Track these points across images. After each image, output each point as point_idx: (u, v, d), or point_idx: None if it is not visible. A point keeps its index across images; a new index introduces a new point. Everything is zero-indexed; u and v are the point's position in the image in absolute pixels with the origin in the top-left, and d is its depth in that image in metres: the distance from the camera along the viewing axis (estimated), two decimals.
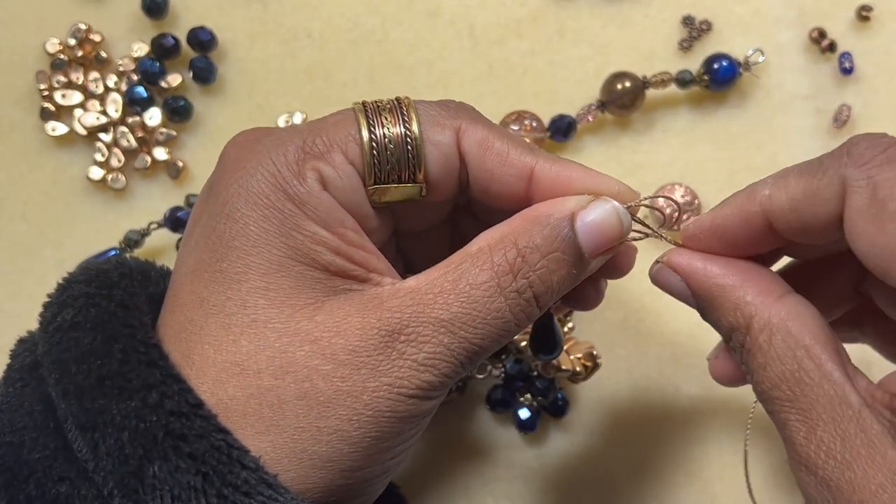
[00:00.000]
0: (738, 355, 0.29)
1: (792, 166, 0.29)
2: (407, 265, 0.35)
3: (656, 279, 0.31)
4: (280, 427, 0.27)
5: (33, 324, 0.44)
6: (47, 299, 0.30)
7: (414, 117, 0.30)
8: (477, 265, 0.28)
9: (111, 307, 0.28)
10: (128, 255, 0.39)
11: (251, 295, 0.28)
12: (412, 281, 0.29)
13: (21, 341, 0.31)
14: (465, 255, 0.29)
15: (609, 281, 0.34)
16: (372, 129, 0.29)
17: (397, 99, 0.30)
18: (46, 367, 0.28)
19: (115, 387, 0.26)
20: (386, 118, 0.29)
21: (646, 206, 0.31)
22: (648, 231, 0.31)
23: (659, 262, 0.31)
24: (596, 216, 0.29)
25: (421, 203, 0.31)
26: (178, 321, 0.28)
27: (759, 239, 0.30)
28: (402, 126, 0.29)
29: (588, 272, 0.30)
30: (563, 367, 0.40)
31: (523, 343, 0.40)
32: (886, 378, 0.28)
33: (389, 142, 0.29)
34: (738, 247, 0.30)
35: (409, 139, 0.29)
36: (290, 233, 0.28)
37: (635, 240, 0.31)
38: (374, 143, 0.29)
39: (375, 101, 0.30)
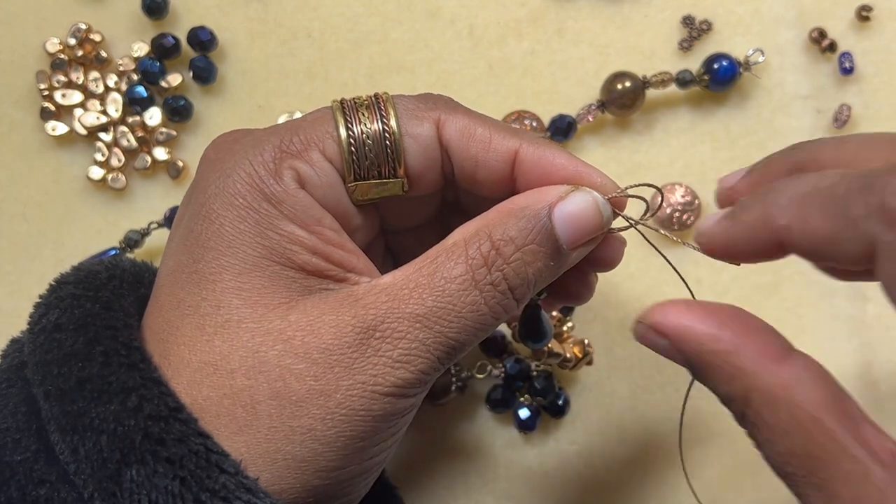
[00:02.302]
0: (740, 423, 0.26)
1: (810, 192, 0.26)
2: (398, 265, 0.35)
3: (643, 341, 0.28)
4: (254, 427, 0.27)
5: None
6: (38, 300, 0.30)
7: (392, 112, 0.30)
8: (452, 259, 0.28)
9: (95, 308, 0.28)
10: (126, 256, 0.39)
11: (225, 295, 0.28)
12: (388, 277, 0.29)
13: (13, 341, 0.31)
14: (441, 249, 0.29)
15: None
16: (349, 126, 0.29)
17: (376, 95, 0.30)
18: (31, 368, 0.28)
19: (94, 390, 0.26)
20: (363, 114, 0.29)
21: (628, 195, 0.30)
22: (630, 222, 0.30)
23: (641, 323, 0.28)
24: (574, 207, 0.29)
25: (406, 199, 0.31)
26: (157, 322, 0.28)
27: (771, 253, 0.28)
28: (379, 122, 0.29)
29: (568, 264, 0.30)
30: (555, 352, 0.40)
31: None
32: None
33: (367, 138, 0.29)
34: (749, 258, 0.28)
35: (387, 134, 0.29)
36: (266, 232, 0.28)
37: (619, 230, 0.31)
38: (351, 140, 0.29)
39: (354, 98, 0.30)
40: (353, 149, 0.29)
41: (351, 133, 0.29)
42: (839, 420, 0.24)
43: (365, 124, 0.29)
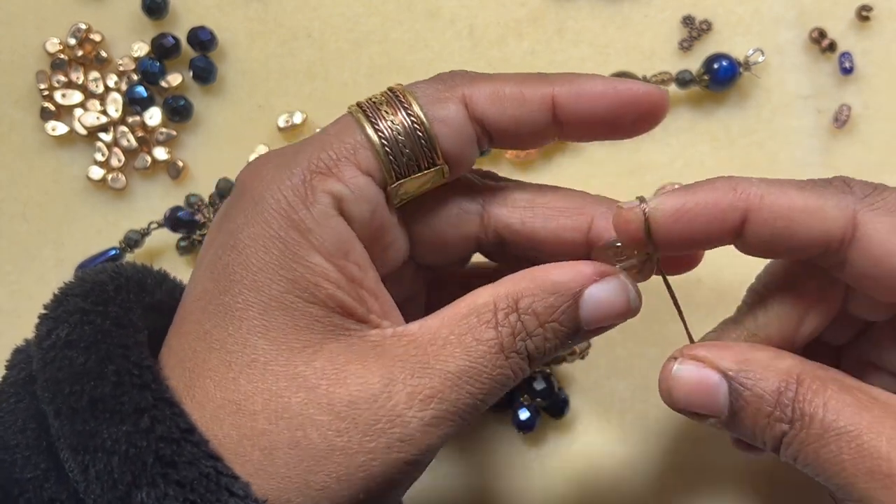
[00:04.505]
0: (782, 417, 0.28)
1: (783, 179, 0.29)
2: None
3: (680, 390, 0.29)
4: (268, 473, 0.26)
5: (33, 324, 0.44)
6: (44, 311, 0.30)
7: (413, 102, 0.29)
8: (483, 321, 0.28)
9: (106, 325, 0.28)
10: (126, 259, 0.38)
11: (251, 334, 0.27)
12: (414, 327, 0.28)
13: (17, 351, 0.31)
14: (472, 306, 0.28)
15: None
16: (376, 127, 0.29)
17: (390, 90, 0.30)
18: (40, 385, 0.27)
19: (106, 410, 0.26)
20: (386, 111, 0.29)
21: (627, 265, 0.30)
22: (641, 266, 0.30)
23: (685, 360, 0.29)
24: (604, 294, 0.29)
25: (442, 241, 0.31)
26: (183, 349, 0.28)
27: (719, 238, 0.29)
28: (404, 115, 0.29)
29: (584, 340, 0.30)
30: None
31: None
32: None
33: (398, 134, 0.29)
34: (693, 241, 0.29)
35: (416, 125, 0.29)
36: (291, 264, 0.27)
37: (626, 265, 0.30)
38: (384, 141, 0.28)
39: (369, 99, 0.30)
40: (387, 150, 0.29)
41: (381, 134, 0.29)
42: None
43: (391, 121, 0.29)
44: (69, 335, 0.28)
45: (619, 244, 0.30)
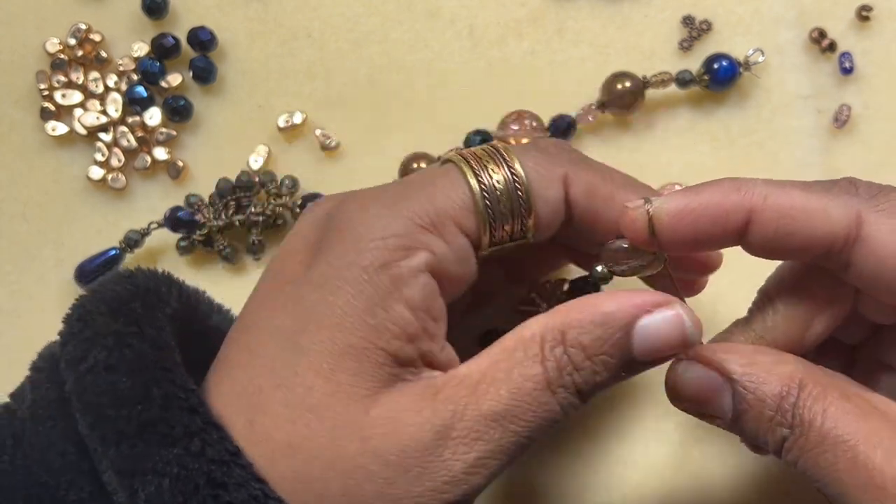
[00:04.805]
0: (782, 422, 0.28)
1: (787, 181, 0.29)
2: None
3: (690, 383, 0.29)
4: None
5: (33, 324, 0.44)
6: (66, 329, 0.29)
7: (522, 174, 0.29)
8: (529, 356, 0.28)
9: (144, 348, 0.28)
10: (126, 259, 0.38)
11: (318, 378, 0.27)
12: (464, 368, 0.28)
13: (37, 369, 0.30)
14: (519, 340, 0.28)
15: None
16: (483, 188, 0.29)
17: (494, 147, 0.30)
18: (79, 408, 0.27)
19: (157, 433, 0.26)
20: (493, 170, 0.29)
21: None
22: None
23: (692, 363, 0.29)
24: (658, 326, 0.28)
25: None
26: (244, 381, 0.28)
27: (723, 239, 0.29)
28: (513, 187, 0.29)
29: (641, 371, 0.29)
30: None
31: None
32: None
33: (501, 203, 0.29)
34: (698, 241, 0.29)
35: (521, 200, 0.29)
36: (375, 309, 0.27)
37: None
38: (489, 209, 0.29)
39: (473, 151, 0.30)
40: (490, 214, 0.29)
41: (487, 199, 0.29)
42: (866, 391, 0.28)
43: (497, 184, 0.29)
44: (108, 359, 0.27)
45: (626, 245, 0.30)
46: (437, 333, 0.29)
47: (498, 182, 0.29)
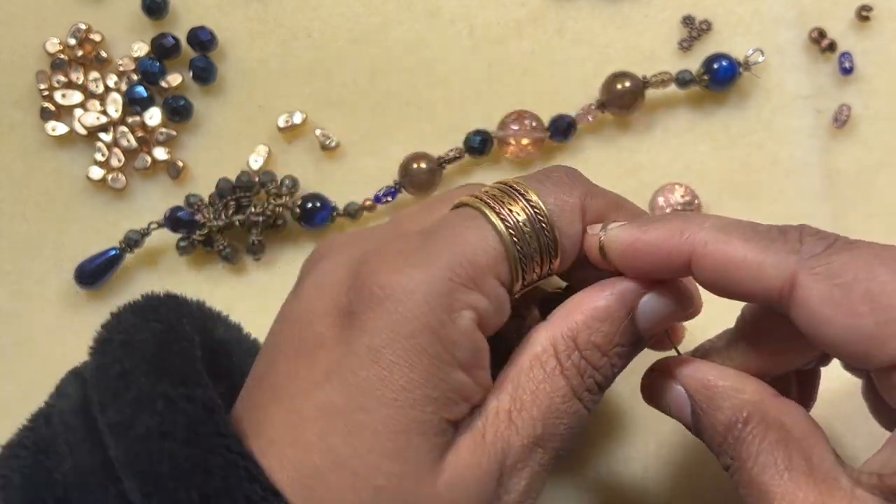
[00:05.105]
0: (727, 451, 0.29)
1: (736, 222, 0.28)
2: None
3: (652, 392, 0.31)
4: None
5: (34, 324, 0.44)
6: (99, 383, 0.28)
7: (546, 214, 0.29)
8: (548, 370, 0.28)
9: (198, 412, 0.27)
10: (152, 298, 0.34)
11: (383, 457, 0.26)
12: (494, 402, 0.28)
13: (70, 428, 0.29)
14: (533, 357, 0.29)
15: None
16: (513, 235, 0.28)
17: (513, 188, 0.29)
18: (131, 478, 0.26)
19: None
20: (517, 215, 0.29)
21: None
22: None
23: (656, 371, 0.31)
24: (656, 303, 0.29)
25: None
26: (296, 461, 0.27)
27: (671, 273, 0.29)
28: (543, 235, 0.29)
29: (648, 345, 0.30)
30: None
31: None
32: (866, 463, 0.27)
33: (531, 245, 0.29)
34: (648, 272, 0.29)
35: (550, 242, 0.29)
36: (435, 380, 0.27)
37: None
38: (521, 256, 0.28)
39: (487, 192, 0.29)
40: (521, 260, 0.28)
41: (518, 246, 0.28)
42: (818, 445, 0.28)
43: (523, 228, 0.29)
44: (161, 426, 0.26)
45: None
46: (487, 380, 0.28)
47: (525, 225, 0.28)
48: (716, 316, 0.32)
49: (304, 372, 0.28)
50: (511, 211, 0.29)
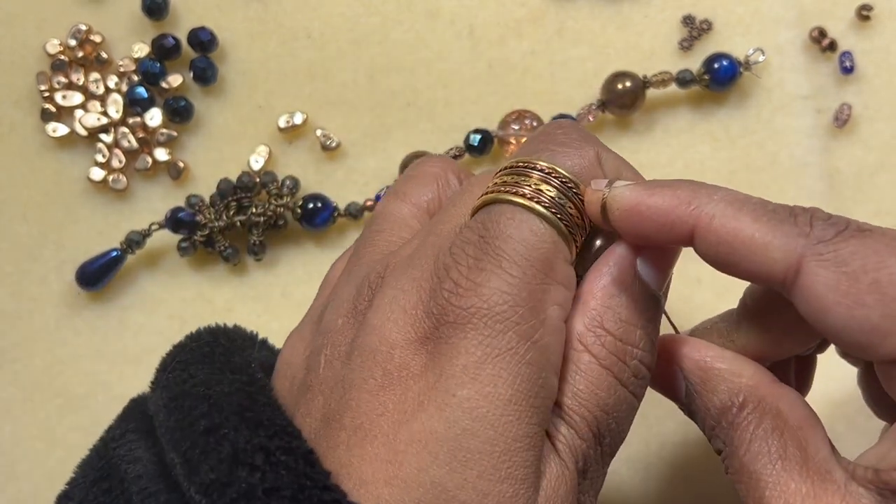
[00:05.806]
0: (720, 435, 0.28)
1: (746, 197, 0.27)
2: None
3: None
4: None
5: (34, 324, 0.44)
6: (182, 437, 0.26)
7: (561, 169, 0.28)
8: (583, 368, 0.27)
9: (300, 466, 0.25)
10: (209, 338, 0.32)
11: (496, 483, 0.25)
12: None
13: (150, 495, 0.27)
14: (566, 360, 0.27)
15: None
16: (561, 219, 0.27)
17: (523, 166, 0.28)
18: None
19: None
20: (549, 191, 0.27)
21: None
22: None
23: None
24: (652, 261, 0.28)
25: None
26: (405, 501, 0.25)
27: (671, 242, 0.28)
28: (558, 182, 0.28)
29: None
30: None
31: None
32: (862, 456, 0.27)
33: (574, 217, 0.28)
34: (647, 237, 0.28)
35: (577, 195, 0.28)
36: (538, 390, 0.26)
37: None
38: (570, 229, 0.27)
39: (505, 181, 0.28)
40: (569, 230, 0.27)
41: (565, 222, 0.27)
42: (815, 435, 0.27)
43: (561, 204, 0.27)
44: (263, 482, 0.25)
45: None
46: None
47: (559, 198, 0.27)
48: (719, 297, 0.32)
49: (392, 405, 0.26)
50: (540, 191, 0.27)
